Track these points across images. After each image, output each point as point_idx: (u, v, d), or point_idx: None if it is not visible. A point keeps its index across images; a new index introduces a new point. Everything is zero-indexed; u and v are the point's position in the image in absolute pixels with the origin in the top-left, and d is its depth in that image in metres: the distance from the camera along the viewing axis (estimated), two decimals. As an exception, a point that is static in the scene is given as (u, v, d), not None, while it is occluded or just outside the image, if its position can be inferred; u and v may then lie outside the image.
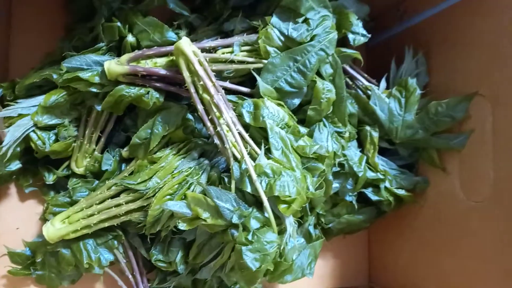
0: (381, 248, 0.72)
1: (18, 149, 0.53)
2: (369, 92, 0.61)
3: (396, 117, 0.59)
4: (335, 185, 0.59)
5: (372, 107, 0.60)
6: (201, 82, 0.48)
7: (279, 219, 0.47)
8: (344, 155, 0.58)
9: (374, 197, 0.60)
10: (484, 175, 0.53)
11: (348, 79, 0.62)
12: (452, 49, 0.58)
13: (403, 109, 0.59)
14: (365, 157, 0.59)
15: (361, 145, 0.62)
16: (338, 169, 0.58)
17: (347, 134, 0.58)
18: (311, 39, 0.50)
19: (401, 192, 0.60)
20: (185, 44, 0.48)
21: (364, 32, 0.54)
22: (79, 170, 0.56)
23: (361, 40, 0.54)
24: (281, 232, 0.48)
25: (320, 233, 0.63)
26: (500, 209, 0.50)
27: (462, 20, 0.57)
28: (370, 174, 0.60)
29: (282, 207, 0.46)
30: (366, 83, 0.62)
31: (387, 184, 0.60)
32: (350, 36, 0.54)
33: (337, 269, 0.73)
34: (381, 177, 0.60)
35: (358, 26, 0.53)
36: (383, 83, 0.62)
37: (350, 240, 0.73)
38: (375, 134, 0.60)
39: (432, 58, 0.61)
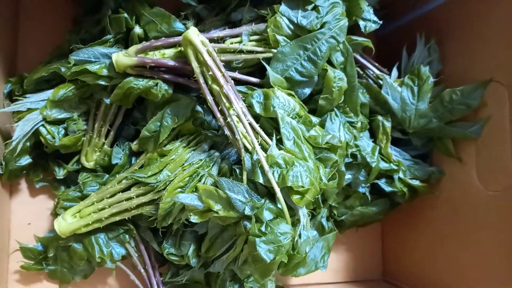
0: (395, 241, 0.72)
1: (28, 143, 0.53)
2: (380, 82, 0.60)
3: (409, 106, 0.58)
4: (348, 176, 0.58)
5: (384, 96, 0.59)
6: (210, 73, 0.47)
7: (292, 210, 0.47)
8: (357, 146, 0.57)
9: (387, 188, 0.59)
10: (502, 164, 0.51)
11: (358, 69, 0.61)
12: (466, 36, 0.57)
13: (416, 98, 0.58)
14: (378, 148, 0.58)
15: (373, 136, 0.61)
16: (351, 160, 0.57)
17: (359, 124, 0.57)
18: (321, 27, 0.50)
19: (416, 182, 0.59)
20: (193, 34, 0.47)
21: (376, 18, 0.53)
22: (89, 164, 0.56)
23: (373, 27, 0.53)
24: (295, 223, 0.47)
25: (333, 226, 0.62)
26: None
27: (476, 6, 0.55)
28: (383, 165, 0.59)
29: (295, 197, 0.45)
30: (377, 72, 0.61)
31: (400, 174, 0.59)
32: (361, 23, 0.53)
33: (350, 262, 0.73)
34: (395, 167, 0.59)
35: (369, 12, 0.52)
36: (394, 72, 0.61)
37: (363, 233, 0.72)
38: (388, 124, 0.59)
39: (446, 45, 0.60)
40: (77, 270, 0.56)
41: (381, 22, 0.54)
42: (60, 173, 0.56)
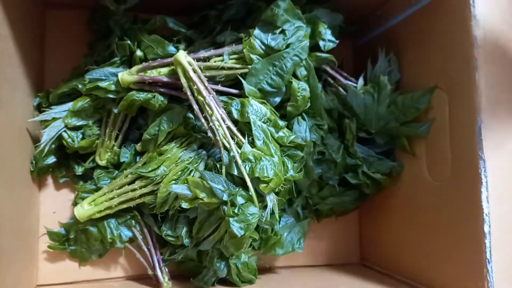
0: (370, 228, 0.80)
1: (53, 146, 0.64)
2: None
3: (370, 110, 0.67)
4: (318, 170, 0.68)
5: (349, 102, 0.69)
6: (196, 86, 0.58)
7: (262, 197, 0.57)
8: (324, 144, 0.67)
9: (353, 181, 0.68)
10: (444, 158, 0.60)
11: (330, 79, 0.71)
12: (418, 49, 0.66)
13: (376, 103, 0.67)
14: (343, 146, 0.67)
15: (342, 136, 0.71)
16: (320, 156, 0.67)
17: (325, 126, 0.67)
18: (287, 47, 0.60)
19: (377, 175, 0.68)
20: (181, 56, 0.58)
21: (333, 38, 0.63)
22: (102, 163, 0.67)
23: (330, 45, 0.63)
24: (265, 207, 0.57)
25: (310, 214, 0.72)
26: (456, 187, 0.57)
27: (425, 23, 0.64)
28: (350, 161, 0.69)
29: (262, 186, 0.55)
30: (345, 81, 0.71)
31: (364, 168, 0.68)
32: (321, 43, 0.63)
33: (330, 248, 0.81)
34: (359, 163, 0.68)
35: (326, 34, 0.62)
36: (360, 81, 0.70)
37: (342, 221, 0.80)
38: (353, 126, 0.69)
39: (403, 57, 0.69)
40: (93, 249, 0.66)
41: (337, 41, 0.64)
42: (79, 170, 0.66)
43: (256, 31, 0.61)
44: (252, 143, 0.57)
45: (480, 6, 0.54)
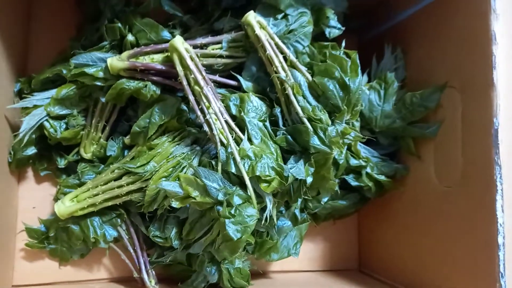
0: (369, 234, 0.77)
1: (34, 136, 0.60)
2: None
3: (375, 107, 0.64)
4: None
5: (353, 99, 0.65)
6: (192, 76, 0.54)
7: (261, 197, 0.53)
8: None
9: (354, 183, 0.65)
10: (454, 162, 0.56)
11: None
12: (428, 44, 0.62)
13: (382, 100, 0.63)
14: (345, 147, 0.64)
15: (345, 135, 0.67)
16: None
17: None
18: (289, 33, 0.56)
19: (382, 178, 0.65)
20: (178, 42, 0.54)
21: (339, 25, 0.59)
22: (87, 156, 0.63)
23: (336, 32, 0.59)
24: (264, 209, 0.53)
25: (308, 218, 0.68)
26: (468, 194, 0.53)
27: (436, 18, 0.61)
28: (353, 162, 0.65)
29: (263, 185, 0.51)
30: (349, 77, 0.67)
31: (368, 170, 0.64)
32: (326, 30, 0.59)
33: (327, 253, 0.78)
34: (363, 163, 0.64)
35: (334, 20, 0.58)
36: (365, 77, 0.66)
37: (341, 225, 0.77)
38: (357, 124, 0.65)
39: (411, 53, 0.66)
40: (75, 249, 0.63)
41: (343, 28, 0.60)
42: (62, 163, 0.63)
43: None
44: (251, 141, 0.52)
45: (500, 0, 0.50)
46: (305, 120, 0.53)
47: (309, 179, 0.53)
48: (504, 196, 0.48)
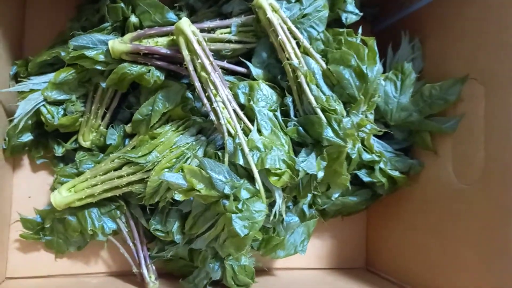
0: (377, 232, 0.74)
1: (30, 122, 0.57)
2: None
3: (391, 99, 0.60)
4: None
5: (368, 90, 0.61)
6: (199, 61, 0.51)
7: (269, 192, 0.50)
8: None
9: (366, 179, 0.62)
10: (474, 159, 0.53)
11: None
12: (446, 36, 0.59)
13: (398, 92, 0.60)
14: (359, 139, 0.60)
15: (357, 128, 0.64)
16: (331, 149, 0.60)
17: (341, 115, 0.59)
18: (303, 17, 0.52)
19: (395, 173, 0.62)
20: (185, 24, 0.50)
21: (357, 11, 0.56)
22: (86, 144, 0.60)
23: (353, 18, 0.56)
24: (272, 204, 0.50)
25: (316, 214, 0.65)
26: (487, 193, 0.51)
27: (455, 8, 0.57)
28: (366, 156, 0.61)
29: (273, 179, 0.48)
30: (363, 66, 0.63)
31: (381, 165, 0.61)
32: (343, 15, 0.55)
33: (334, 250, 0.75)
34: (377, 158, 0.61)
35: (351, 4, 0.55)
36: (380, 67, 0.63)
37: (349, 222, 0.74)
38: (371, 116, 0.62)
39: (428, 43, 0.62)
40: (72, 241, 0.60)
41: (361, 14, 0.56)
42: (59, 151, 0.60)
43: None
44: (260, 131, 0.49)
45: (532, -14, 0.47)
46: (318, 111, 0.50)
47: (320, 174, 0.50)
48: (528, 196, 0.45)
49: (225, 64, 0.55)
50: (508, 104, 0.48)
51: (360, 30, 0.54)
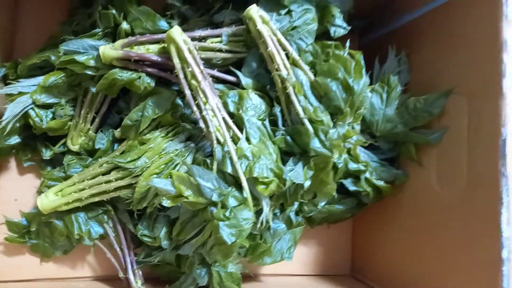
0: (364, 239, 0.75)
1: (18, 124, 0.56)
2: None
3: (377, 111, 0.62)
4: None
5: (355, 101, 0.63)
6: (190, 69, 0.51)
7: (257, 200, 0.50)
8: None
9: (352, 188, 0.63)
10: (458, 171, 0.54)
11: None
12: (432, 50, 0.60)
13: (384, 104, 0.61)
14: (346, 149, 0.61)
15: (344, 137, 0.65)
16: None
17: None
18: (292, 30, 0.53)
19: (380, 183, 0.63)
20: (176, 32, 0.51)
21: (345, 25, 0.57)
22: (74, 148, 0.60)
23: (341, 32, 0.57)
24: (259, 212, 0.51)
25: (303, 221, 0.66)
26: (471, 203, 0.52)
27: (443, 22, 0.59)
28: (352, 165, 0.62)
29: (261, 187, 0.49)
30: (351, 78, 0.64)
31: (367, 175, 0.62)
32: (331, 28, 0.56)
33: (320, 257, 0.76)
34: (363, 168, 0.62)
35: (339, 19, 0.56)
36: (367, 79, 0.64)
37: (335, 230, 0.75)
38: (357, 127, 0.63)
39: (415, 57, 0.64)
40: (58, 245, 0.60)
41: (349, 27, 0.58)
42: (47, 154, 0.60)
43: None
44: (249, 140, 0.50)
45: (514, 5, 0.48)
46: (306, 121, 0.51)
47: (307, 183, 0.51)
48: (510, 209, 0.47)
49: (215, 72, 0.56)
50: (489, 118, 0.50)
51: (348, 44, 0.55)
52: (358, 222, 0.77)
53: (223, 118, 0.51)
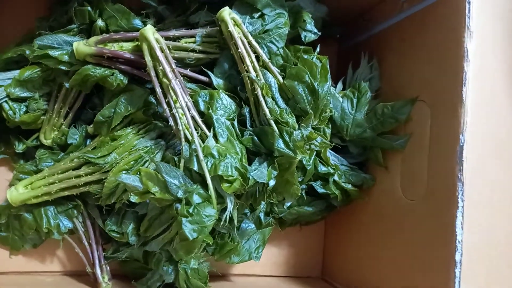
0: (335, 242, 0.76)
1: (-9, 117, 0.57)
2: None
3: (347, 115, 0.63)
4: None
5: (326, 105, 0.64)
6: (161, 67, 0.52)
7: (222, 198, 0.51)
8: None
9: (321, 190, 0.64)
10: (419, 176, 0.56)
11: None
12: (402, 58, 0.62)
13: (354, 109, 0.63)
14: (314, 153, 0.63)
15: (316, 141, 0.66)
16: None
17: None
18: (264, 33, 0.55)
19: (348, 186, 0.64)
20: (149, 31, 0.52)
21: (315, 30, 0.58)
22: (47, 142, 0.60)
23: (312, 37, 0.58)
24: (225, 210, 0.52)
25: (272, 222, 0.67)
26: (430, 209, 0.53)
27: (410, 32, 0.60)
28: (322, 168, 0.64)
29: (225, 185, 0.50)
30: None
31: (336, 178, 0.64)
32: (303, 33, 0.58)
33: (291, 259, 0.77)
34: (332, 171, 0.64)
35: (310, 24, 0.57)
36: (339, 85, 0.66)
37: (307, 232, 0.76)
38: (328, 130, 0.64)
39: (386, 65, 0.65)
40: (27, 238, 0.60)
41: (319, 33, 0.59)
42: (20, 148, 0.60)
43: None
44: (217, 139, 0.51)
45: (475, 17, 0.50)
46: (272, 122, 0.52)
47: (272, 183, 0.52)
48: (465, 213, 0.48)
49: (188, 72, 0.57)
50: (449, 125, 0.51)
51: (318, 49, 0.57)
52: (329, 226, 0.78)
53: (192, 117, 0.52)
